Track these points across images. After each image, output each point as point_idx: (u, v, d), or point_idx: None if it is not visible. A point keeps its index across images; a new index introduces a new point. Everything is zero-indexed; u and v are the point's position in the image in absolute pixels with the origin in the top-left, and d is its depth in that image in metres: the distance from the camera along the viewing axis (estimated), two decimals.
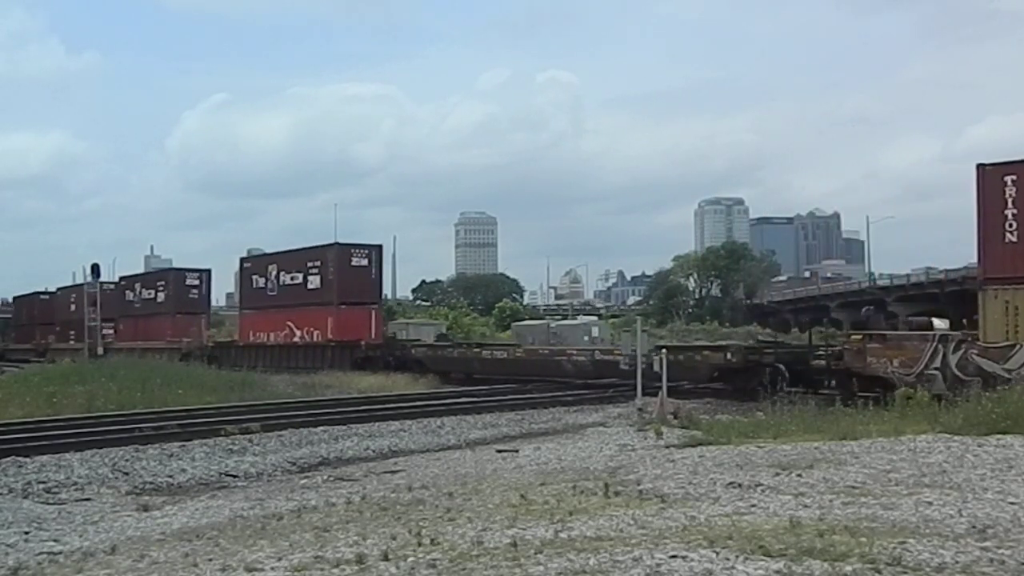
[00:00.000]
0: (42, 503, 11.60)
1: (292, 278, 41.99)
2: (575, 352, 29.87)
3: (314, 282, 40.53)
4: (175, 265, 79.62)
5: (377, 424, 18.99)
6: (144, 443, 15.88)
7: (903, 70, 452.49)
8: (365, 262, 40.14)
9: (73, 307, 61.59)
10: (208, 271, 55.02)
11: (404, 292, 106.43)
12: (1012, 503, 7.02)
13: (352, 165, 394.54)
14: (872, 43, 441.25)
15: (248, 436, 16.95)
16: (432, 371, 32.89)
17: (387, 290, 75.03)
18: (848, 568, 4.98)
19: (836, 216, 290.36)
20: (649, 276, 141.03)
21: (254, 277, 45.39)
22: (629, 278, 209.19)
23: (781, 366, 22.70)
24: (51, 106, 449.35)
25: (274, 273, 43.42)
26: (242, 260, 49.30)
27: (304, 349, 40.65)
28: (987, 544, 5.62)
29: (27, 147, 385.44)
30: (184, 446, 15.81)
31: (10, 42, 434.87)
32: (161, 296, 53.38)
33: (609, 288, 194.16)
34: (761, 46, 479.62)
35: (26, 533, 9.37)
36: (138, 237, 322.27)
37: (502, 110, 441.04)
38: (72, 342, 58.47)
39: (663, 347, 25.74)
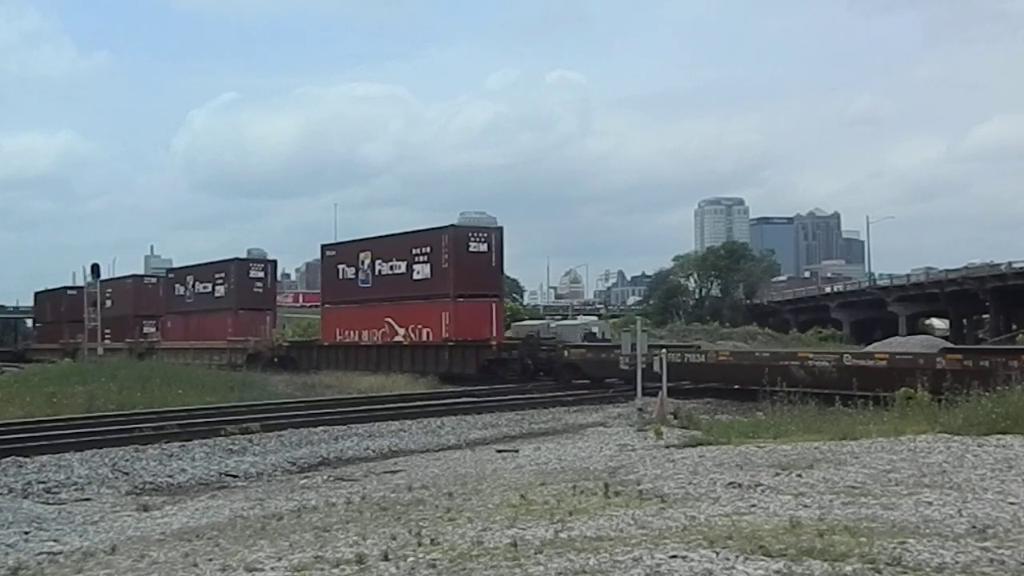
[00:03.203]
0: (42, 503, 11.60)
1: (392, 267, 36.26)
2: (812, 355, 23.59)
3: (422, 271, 34.79)
4: (175, 266, 77.70)
5: (377, 424, 19.00)
6: (144, 443, 15.88)
7: (910, 70, 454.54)
8: (484, 247, 34.17)
9: (109, 303, 55.95)
10: (274, 262, 49.52)
11: None
12: (1012, 503, 7.01)
13: (359, 165, 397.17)
14: (879, 43, 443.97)
15: (248, 436, 16.96)
16: (589, 377, 28.02)
17: None
18: (848, 568, 4.97)
19: (836, 216, 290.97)
20: (649, 276, 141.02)
21: (340, 267, 39.13)
22: (629, 278, 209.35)
23: None
24: (61, 106, 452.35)
25: (367, 262, 37.47)
26: (324, 247, 41.67)
27: (412, 350, 35.11)
28: (987, 544, 5.61)
29: (36, 147, 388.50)
30: (184, 446, 15.81)
31: (24, 42, 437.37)
32: (220, 290, 46.84)
33: (609, 288, 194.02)
34: (768, 46, 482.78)
35: (26, 533, 9.37)
36: (142, 237, 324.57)
37: (510, 110, 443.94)
38: (108, 341, 52.92)
39: (949, 351, 21.56)
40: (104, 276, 56.78)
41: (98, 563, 7.11)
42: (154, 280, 56.26)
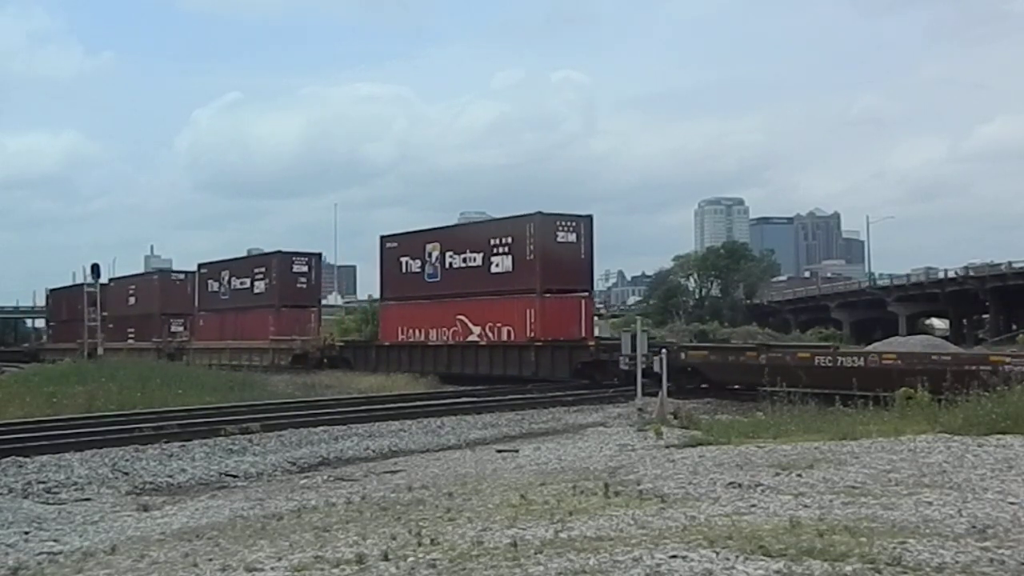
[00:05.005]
0: (42, 503, 11.59)
1: (466, 260, 33.22)
2: (1009, 358, 19.58)
3: (501, 264, 31.69)
4: (175, 266, 76.25)
5: (377, 424, 18.99)
6: (144, 443, 15.87)
7: (914, 71, 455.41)
8: (573, 237, 30.90)
9: (133, 300, 54.36)
10: (319, 255, 45.47)
11: None
12: (1012, 503, 7.02)
13: (361, 165, 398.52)
14: (883, 44, 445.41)
15: (248, 436, 16.95)
16: (711, 382, 24.90)
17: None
18: (848, 568, 4.97)
19: (836, 216, 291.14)
20: (649, 276, 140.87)
21: (403, 260, 36.12)
22: (629, 278, 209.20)
23: None
24: (65, 106, 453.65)
25: (435, 254, 34.56)
26: (383, 239, 38.14)
27: (490, 351, 32.03)
28: (987, 544, 5.61)
29: (40, 147, 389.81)
30: (184, 446, 15.80)
31: (30, 43, 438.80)
32: (260, 285, 43.99)
33: (609, 288, 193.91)
34: (772, 47, 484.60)
35: (26, 533, 9.36)
36: (143, 237, 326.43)
37: (515, 110, 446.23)
38: (131, 340, 51.93)
39: None
40: (104, 276, 56.26)
41: (98, 563, 7.11)
42: (182, 276, 53.17)
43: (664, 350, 26.01)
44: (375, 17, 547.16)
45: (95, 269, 52.94)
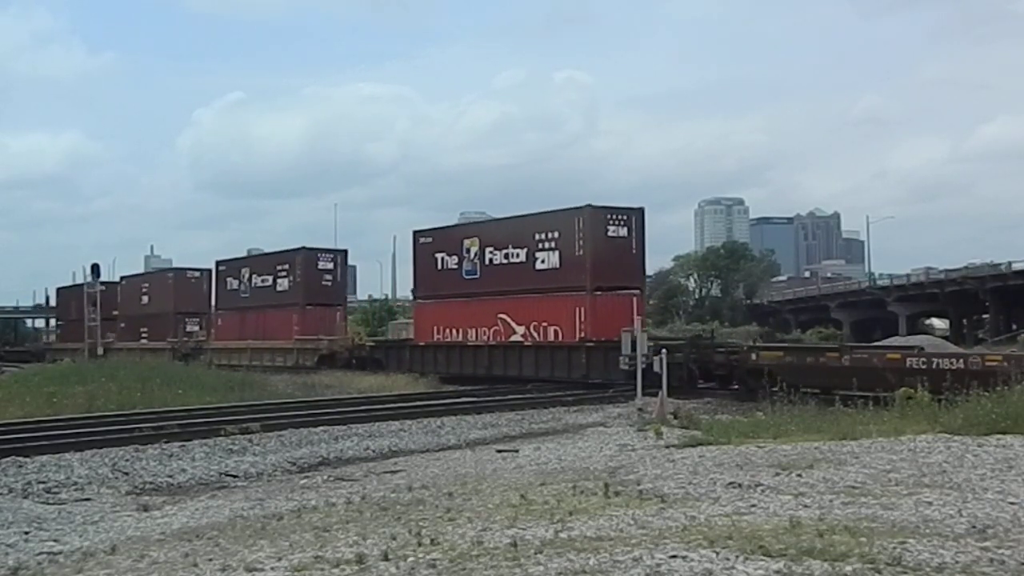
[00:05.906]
0: (42, 503, 11.60)
1: (508, 256, 31.49)
2: None
3: (548, 260, 29.97)
4: (175, 265, 76.11)
5: (377, 424, 18.99)
6: (144, 443, 15.88)
7: (916, 71, 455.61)
8: (624, 232, 29.24)
9: (146, 299, 53.11)
10: (344, 252, 43.90)
11: (404, 292, 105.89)
12: (1012, 503, 7.02)
13: (363, 165, 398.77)
14: (885, 44, 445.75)
15: (248, 436, 16.95)
16: (786, 385, 20.84)
17: (387, 289, 74.71)
18: (848, 568, 4.98)
19: (836, 216, 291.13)
20: (649, 276, 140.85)
21: (439, 256, 34.30)
22: None
23: None
24: (68, 106, 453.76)
25: (474, 250, 32.77)
26: (416, 234, 36.27)
27: (536, 352, 30.24)
28: (987, 544, 5.62)
29: (42, 147, 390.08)
30: (184, 446, 15.81)
31: (34, 43, 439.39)
32: (283, 283, 42.55)
33: None
34: (773, 47, 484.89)
35: (26, 533, 9.37)
36: (145, 237, 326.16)
37: (518, 110, 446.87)
38: (145, 340, 50.93)
39: None
40: (105, 276, 56.15)
41: (98, 563, 7.12)
42: (197, 274, 51.57)
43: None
44: (376, 17, 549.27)
45: (95, 269, 53.03)
